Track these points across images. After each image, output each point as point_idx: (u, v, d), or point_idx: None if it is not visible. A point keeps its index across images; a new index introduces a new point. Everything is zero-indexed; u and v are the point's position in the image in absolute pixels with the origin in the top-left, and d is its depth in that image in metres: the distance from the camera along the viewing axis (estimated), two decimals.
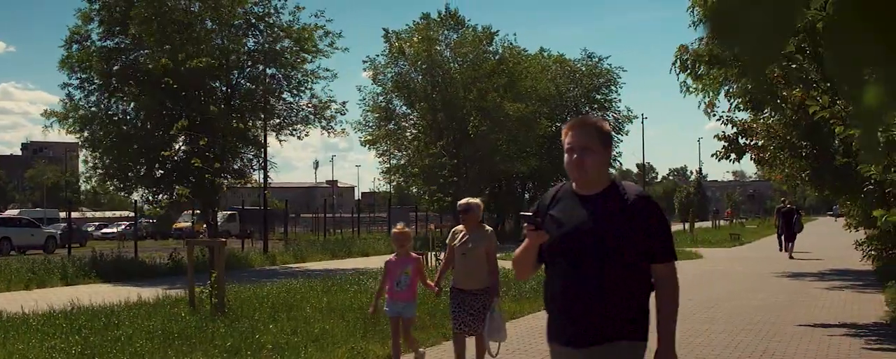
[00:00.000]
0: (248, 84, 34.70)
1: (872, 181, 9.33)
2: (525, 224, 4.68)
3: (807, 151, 20.36)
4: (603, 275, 4.54)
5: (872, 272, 23.63)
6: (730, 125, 22.17)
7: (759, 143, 21.55)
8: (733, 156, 22.32)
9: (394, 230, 11.42)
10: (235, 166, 34.59)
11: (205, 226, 36.08)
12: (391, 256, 11.19)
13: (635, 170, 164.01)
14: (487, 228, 10.89)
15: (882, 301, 17.84)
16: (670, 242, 4.66)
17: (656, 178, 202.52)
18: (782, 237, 37.92)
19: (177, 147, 32.54)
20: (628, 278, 4.60)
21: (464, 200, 10.73)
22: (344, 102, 37.40)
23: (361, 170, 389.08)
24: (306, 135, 37.62)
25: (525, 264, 4.95)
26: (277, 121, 35.86)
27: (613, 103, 67.06)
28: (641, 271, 4.65)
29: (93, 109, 31.79)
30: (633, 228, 4.51)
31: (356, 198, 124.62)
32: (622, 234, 4.51)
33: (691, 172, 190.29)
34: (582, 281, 4.59)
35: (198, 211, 41.53)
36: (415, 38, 51.53)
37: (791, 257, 34.30)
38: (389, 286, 10.91)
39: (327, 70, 37.57)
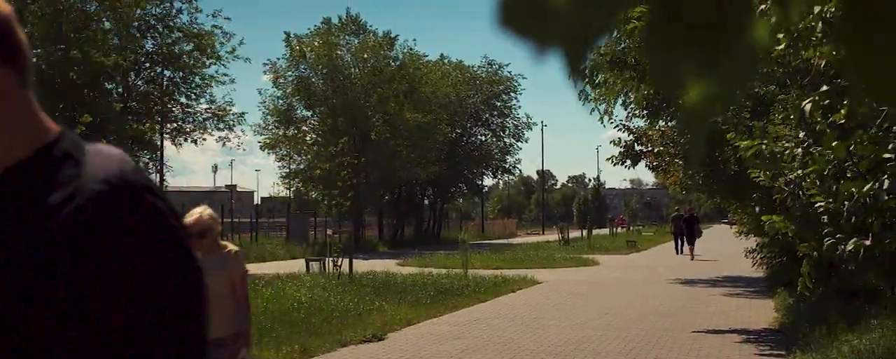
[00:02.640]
0: (145, 86, 34.18)
1: (761, 188, 9.51)
2: None
3: (702, 158, 20.67)
4: None
5: (764, 279, 24.07)
6: (626, 132, 22.46)
7: (655, 149, 21.87)
8: (629, 162, 22.61)
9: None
10: None
11: None
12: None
13: (535, 177, 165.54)
14: (231, 248, 7.38)
15: (772, 307, 18.17)
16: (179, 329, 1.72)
17: (556, 185, 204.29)
18: (680, 241, 41.44)
19: None
20: None
21: (193, 215, 6.99)
22: (243, 113, 37.04)
23: (261, 174, 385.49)
24: (203, 141, 37.14)
25: None
26: (174, 125, 35.40)
27: (513, 110, 67.53)
28: None
29: None
30: (62, 286, 1.65)
31: (255, 203, 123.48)
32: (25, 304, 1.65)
33: (590, 180, 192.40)
34: None
35: None
36: (316, 43, 51.32)
37: (692, 259, 37.70)
38: None
39: (226, 75, 37.10)
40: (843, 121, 6.17)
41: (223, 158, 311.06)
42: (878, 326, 11.73)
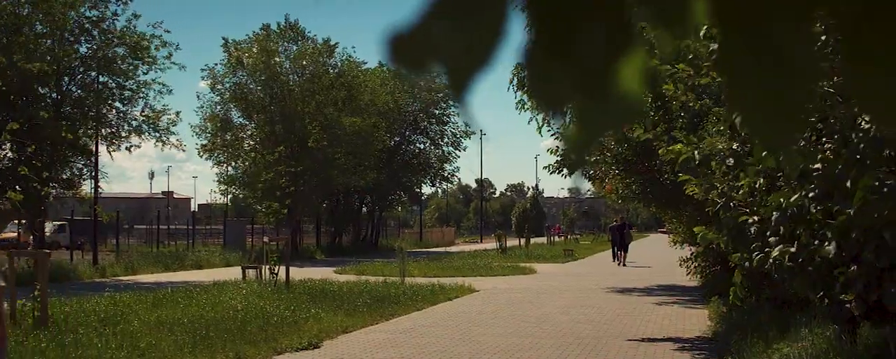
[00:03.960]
0: (79, 91, 33.80)
1: (695, 200, 9.64)
2: None
3: (637, 166, 20.86)
4: None
5: (698, 288, 24.29)
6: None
7: (592, 158, 22.01)
8: (565, 171, 22.75)
9: None
10: (65, 176, 33.65)
11: (31, 237, 34.94)
12: None
13: (474, 185, 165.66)
14: None
15: (706, 316, 18.36)
16: None
17: (494, 193, 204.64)
18: (615, 249, 43.27)
19: (2, 154, 31.46)
20: None
21: None
22: (178, 112, 36.73)
23: (198, 181, 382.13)
24: (139, 147, 36.82)
25: None
26: (109, 130, 35.05)
27: (451, 118, 67.56)
28: None
29: None
30: None
31: (192, 209, 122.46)
32: None
33: (528, 189, 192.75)
34: None
35: (24, 221, 40.19)
36: (254, 49, 51.06)
37: (624, 265, 39.69)
38: None
39: (163, 84, 36.84)
40: None
41: (160, 165, 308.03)
42: (808, 334, 11.90)
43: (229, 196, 57.24)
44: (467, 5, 0.60)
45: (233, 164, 53.77)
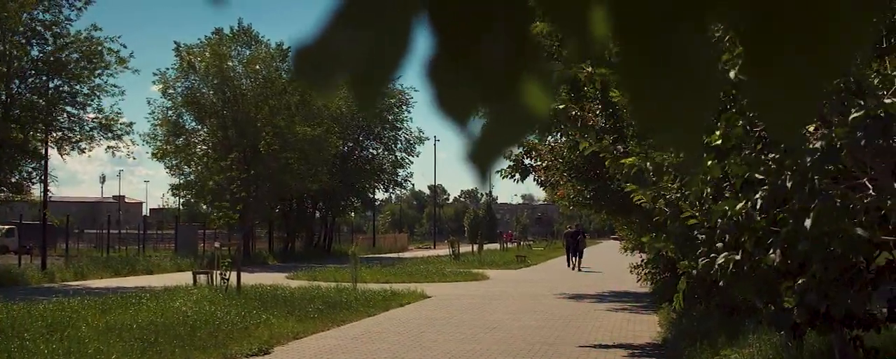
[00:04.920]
0: (29, 94, 33.45)
1: (643, 208, 9.70)
2: None
3: (588, 173, 20.94)
4: None
5: (649, 294, 24.43)
6: (516, 145, 22.68)
7: (544, 164, 22.11)
8: (518, 176, 22.82)
9: None
10: (13, 179, 33.30)
11: None
12: None
13: (427, 191, 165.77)
14: None
15: (656, 322, 18.47)
16: None
17: (448, 199, 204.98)
18: (570, 254, 44.57)
19: None
20: None
21: None
22: (131, 123, 36.54)
23: (150, 185, 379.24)
24: (90, 150, 36.46)
25: None
26: (60, 134, 34.73)
27: (405, 124, 67.56)
28: None
29: None
30: None
31: (144, 214, 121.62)
32: None
33: (482, 195, 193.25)
34: None
35: None
36: (206, 53, 50.79)
37: (579, 270, 40.97)
38: None
39: (115, 86, 36.58)
40: (718, 142, 6.33)
41: (111, 169, 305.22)
42: (755, 340, 12.03)
43: (181, 201, 56.85)
44: (370, 16, 0.61)
45: (185, 168, 53.42)
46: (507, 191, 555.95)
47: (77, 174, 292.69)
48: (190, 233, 56.06)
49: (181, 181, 53.61)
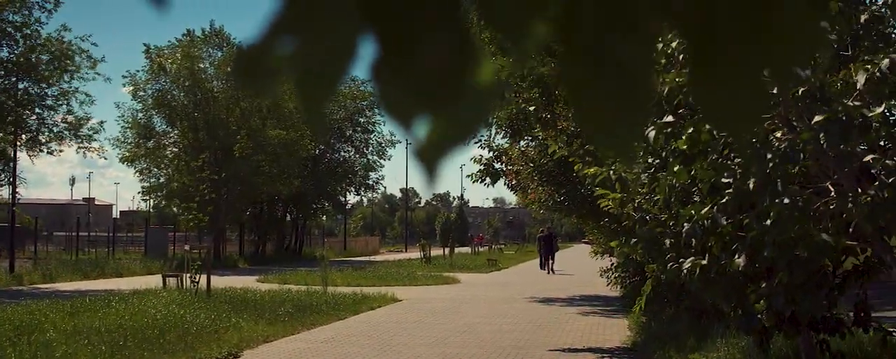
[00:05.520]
0: None
1: (610, 214, 9.75)
2: None
3: (559, 178, 21.02)
4: None
5: (619, 298, 24.50)
6: (488, 150, 22.75)
7: (515, 168, 22.18)
8: (488, 180, 22.88)
9: None
10: None
11: None
12: None
13: (399, 195, 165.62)
14: None
15: (626, 326, 18.54)
16: None
17: (420, 203, 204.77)
18: (543, 258, 45.82)
19: None
20: None
21: None
22: (102, 121, 36.34)
23: (120, 188, 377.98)
24: (60, 152, 36.20)
25: None
26: (28, 136, 34.50)
27: (376, 126, 67.50)
28: None
29: None
30: None
31: (114, 216, 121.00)
32: None
33: (454, 199, 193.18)
34: None
35: None
36: (177, 55, 50.59)
37: (552, 272, 42.07)
38: None
39: (87, 95, 36.31)
40: (685, 147, 6.37)
41: (81, 171, 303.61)
42: (723, 344, 12.11)
43: (152, 203, 56.60)
44: (307, 22, 0.62)
45: (155, 171, 53.18)
46: (479, 194, 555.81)
47: (46, 176, 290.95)
48: (160, 236, 55.81)
49: (151, 183, 53.38)
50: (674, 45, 6.22)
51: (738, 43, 0.65)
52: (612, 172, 7.62)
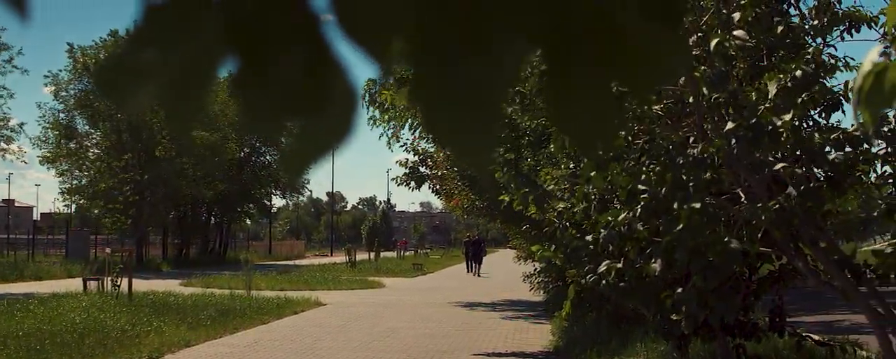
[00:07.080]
0: None
1: (533, 218, 9.82)
2: None
3: (482, 182, 21.11)
4: None
5: (542, 303, 24.63)
6: (413, 153, 22.79)
7: (440, 172, 22.23)
8: (413, 183, 22.92)
9: None
10: None
11: None
12: None
13: (325, 198, 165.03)
14: None
15: (549, 330, 18.65)
16: None
17: (346, 207, 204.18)
18: (470, 262, 47.40)
19: None
20: None
21: None
22: (22, 123, 35.85)
23: (42, 189, 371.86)
24: None
25: None
26: None
27: None
28: None
29: None
30: None
31: (34, 219, 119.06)
32: None
33: (381, 203, 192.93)
34: None
35: None
36: (101, 55, 49.97)
37: (478, 276, 43.57)
38: None
39: (4, 88, 35.75)
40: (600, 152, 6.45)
41: (1, 172, 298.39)
42: (643, 348, 12.26)
43: (73, 205, 55.82)
44: (166, 36, 0.64)
45: (77, 173, 52.48)
46: (405, 199, 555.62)
47: None
48: (82, 238, 55.04)
49: (73, 185, 52.69)
50: None
51: (590, 64, 0.68)
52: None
